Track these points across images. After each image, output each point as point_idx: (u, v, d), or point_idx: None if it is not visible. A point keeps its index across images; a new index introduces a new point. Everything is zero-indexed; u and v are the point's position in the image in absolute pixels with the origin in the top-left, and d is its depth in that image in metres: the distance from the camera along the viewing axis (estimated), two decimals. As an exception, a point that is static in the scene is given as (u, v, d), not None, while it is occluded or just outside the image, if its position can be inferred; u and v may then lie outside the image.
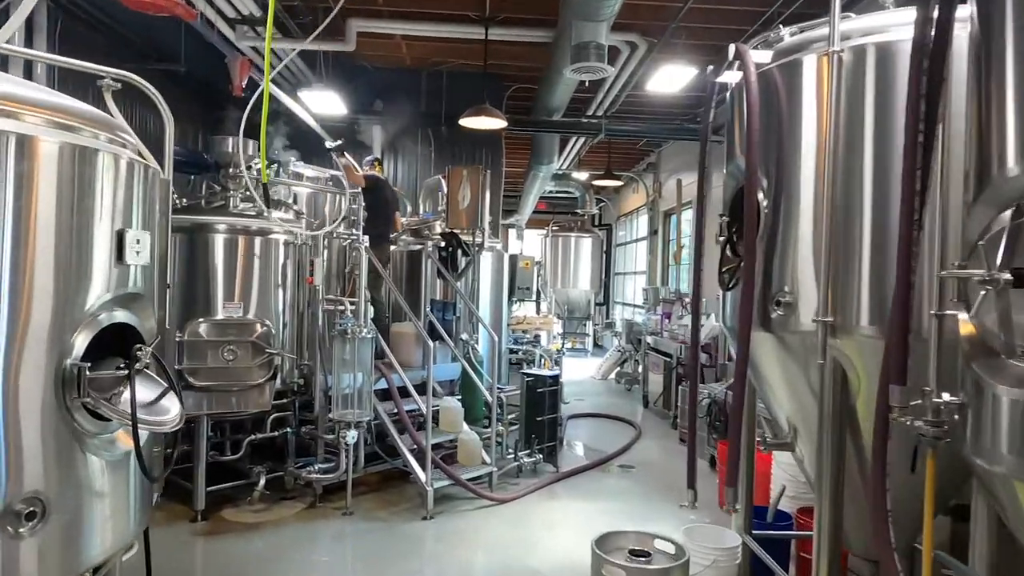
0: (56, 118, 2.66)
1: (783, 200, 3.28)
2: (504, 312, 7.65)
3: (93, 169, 2.65)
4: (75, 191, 2.58)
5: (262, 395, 5.02)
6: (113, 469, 2.72)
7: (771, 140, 3.32)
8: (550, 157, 9.60)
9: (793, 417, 3.51)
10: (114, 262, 2.64)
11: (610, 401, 10.70)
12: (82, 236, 2.56)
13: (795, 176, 3.24)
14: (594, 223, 18.38)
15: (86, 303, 2.53)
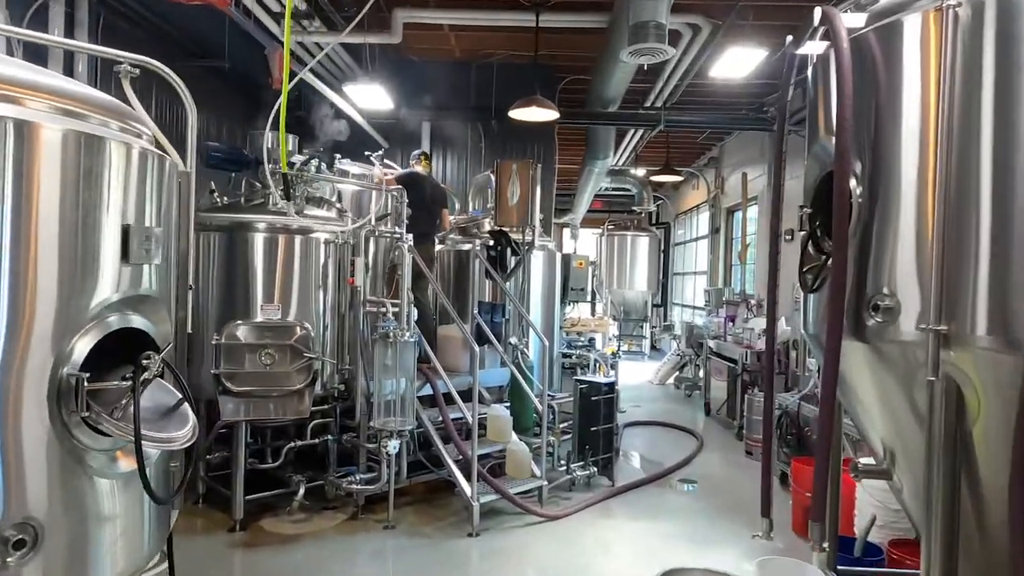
0: (61, 104, 2.44)
1: (880, 186, 2.79)
2: (556, 314, 7.27)
3: (101, 159, 2.42)
4: (80, 182, 2.34)
5: (301, 401, 4.80)
6: (124, 488, 2.48)
7: (865, 117, 2.84)
8: (605, 152, 9.14)
9: (890, 441, 3.01)
10: (122, 261, 2.40)
11: (669, 408, 10.17)
12: (87, 231, 2.33)
13: (895, 158, 2.75)
14: (651, 221, 17.78)
15: (88, 306, 2.29)
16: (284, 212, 5.05)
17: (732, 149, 11.71)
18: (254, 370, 4.70)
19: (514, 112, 6.60)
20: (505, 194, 5.89)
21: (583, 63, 7.96)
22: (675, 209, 16.79)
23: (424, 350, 5.42)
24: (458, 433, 5.43)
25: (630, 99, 8.87)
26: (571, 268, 8.05)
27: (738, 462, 7.16)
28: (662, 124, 8.01)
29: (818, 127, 3.25)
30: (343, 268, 5.26)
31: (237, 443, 4.83)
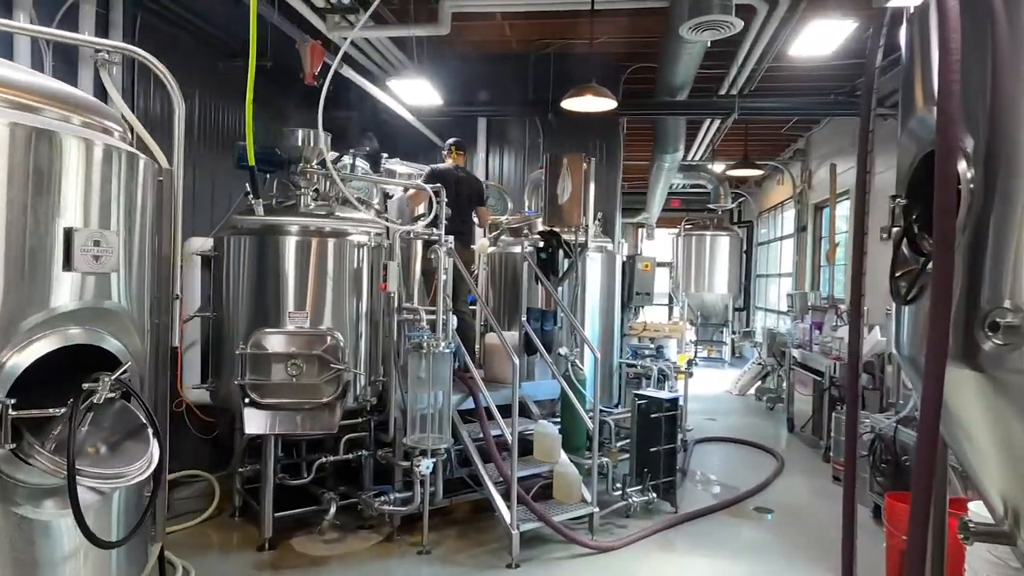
0: (12, 96, 2.19)
1: (1000, 168, 2.13)
2: (616, 322, 6.71)
3: (52, 156, 2.15)
4: (27, 180, 2.08)
5: (331, 415, 4.50)
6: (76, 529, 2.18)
7: (978, 80, 2.19)
8: (675, 145, 8.47)
9: (1014, 498, 2.33)
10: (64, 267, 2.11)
11: (747, 423, 9.35)
12: (32, 234, 2.06)
13: (1020, 131, 2.09)
14: (733, 220, 16.76)
15: (24, 319, 2.02)
16: (317, 214, 4.79)
17: (820, 140, 10.72)
18: (280, 381, 4.44)
19: (568, 103, 6.10)
20: (555, 191, 5.41)
21: (647, 50, 7.36)
22: (758, 207, 15.72)
23: (463, 360, 5.03)
24: (501, 451, 5.02)
25: (702, 88, 8.18)
26: (636, 271, 7.45)
27: (823, 489, 6.37)
28: (736, 112, 7.27)
29: (914, 97, 2.60)
30: (378, 273, 4.94)
31: (266, 457, 4.59)
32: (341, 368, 4.48)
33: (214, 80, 6.02)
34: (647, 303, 7.67)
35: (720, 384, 12.31)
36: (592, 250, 6.28)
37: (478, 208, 6.15)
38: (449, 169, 5.95)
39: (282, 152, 4.79)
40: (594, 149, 8.00)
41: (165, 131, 5.59)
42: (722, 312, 15.25)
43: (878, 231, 3.25)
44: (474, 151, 8.08)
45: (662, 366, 6.84)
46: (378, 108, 7.32)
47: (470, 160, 8.16)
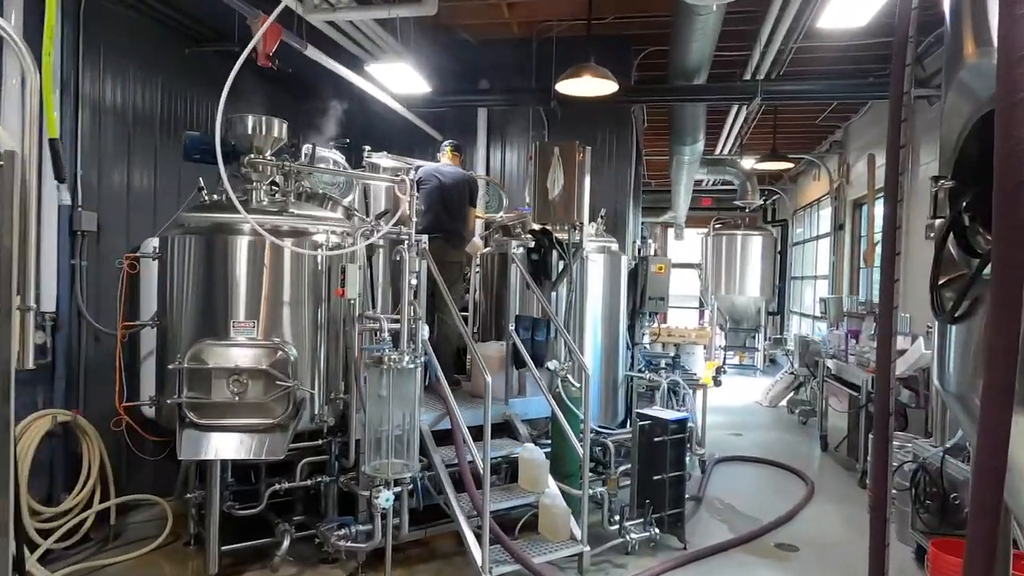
0: None
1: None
2: (621, 330, 6.04)
3: None
4: None
5: (280, 438, 3.97)
6: None
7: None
8: (694, 136, 7.74)
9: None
10: None
11: (777, 439, 8.57)
12: None
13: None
14: (766, 219, 15.85)
15: None
16: (270, 211, 4.27)
17: (859, 130, 9.85)
18: (222, 400, 3.93)
19: (563, 85, 5.47)
20: (544, 184, 4.80)
21: (660, 30, 6.68)
22: (793, 204, 14.79)
23: (435, 374, 4.46)
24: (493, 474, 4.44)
25: (724, 75, 7.46)
26: (649, 274, 6.78)
27: (858, 520, 5.60)
28: (759, 96, 6.52)
29: (962, 44, 1.94)
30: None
31: (212, 483, 4.09)
32: (289, 385, 3.94)
33: (180, 66, 5.56)
34: (662, 308, 6.98)
35: (750, 394, 11.51)
36: (593, 251, 5.64)
37: (469, 207, 5.59)
38: (434, 166, 5.46)
39: (233, 141, 4.28)
40: (603, 140, 7.35)
41: (119, 117, 5.25)
42: (754, 316, 14.37)
43: (923, 226, 2.58)
44: (474, 145, 7.51)
45: (674, 379, 6.15)
46: (366, 99, 6.80)
47: (470, 155, 7.59)
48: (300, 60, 5.61)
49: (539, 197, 4.87)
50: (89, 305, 4.69)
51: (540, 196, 4.85)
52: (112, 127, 4.96)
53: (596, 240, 5.76)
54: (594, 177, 7.36)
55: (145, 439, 4.74)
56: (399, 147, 6.74)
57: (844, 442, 7.11)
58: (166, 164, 5.45)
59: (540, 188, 4.84)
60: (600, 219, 5.96)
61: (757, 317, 14.36)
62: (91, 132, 4.74)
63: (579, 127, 7.18)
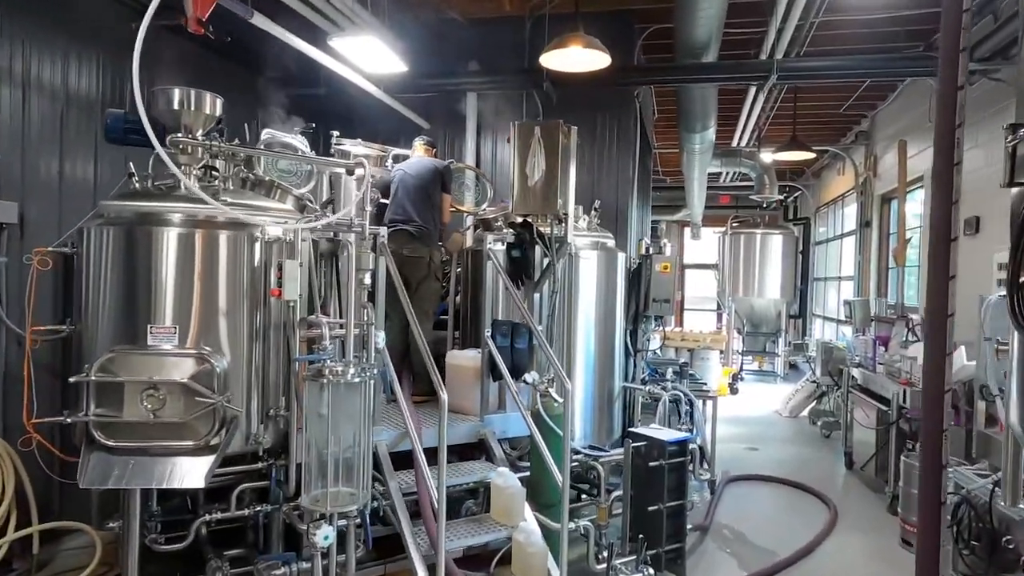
0: None
1: None
2: (618, 336, 5.38)
3: None
4: None
5: (203, 462, 3.39)
6: None
7: None
8: (704, 121, 7.04)
9: None
10: None
11: (797, 454, 7.85)
12: None
13: None
14: (787, 217, 15.04)
15: None
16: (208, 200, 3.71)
17: (887, 118, 9.08)
18: (135, 419, 3.36)
19: (550, 58, 4.84)
20: (523, 169, 4.18)
21: (664, 4, 6.02)
22: (816, 201, 13.99)
23: (389, 386, 3.87)
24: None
25: (738, 54, 6.78)
26: (652, 273, 6.13)
27: (888, 554, 4.91)
28: (775, 75, 5.80)
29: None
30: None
31: (129, 513, 3.52)
32: (212, 401, 3.36)
33: (125, 42, 5.02)
34: (667, 312, 6.32)
35: (769, 403, 10.77)
36: (585, 247, 5.00)
37: (442, 196, 5.00)
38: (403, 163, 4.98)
39: (160, 120, 3.72)
40: (603, 127, 6.72)
41: (49, 96, 4.68)
42: (774, 320, 13.60)
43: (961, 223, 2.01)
44: (462, 135, 6.90)
45: (677, 391, 5.49)
46: (345, 84, 6.25)
47: (458, 146, 7.01)
48: (274, 41, 5.05)
49: (518, 184, 4.24)
50: (11, 307, 4.17)
51: (520, 183, 4.23)
52: (39, 107, 4.44)
53: (588, 235, 5.12)
54: (592, 167, 6.75)
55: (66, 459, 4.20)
56: (383, 138, 6.18)
57: (872, 461, 6.39)
58: (111, 151, 4.92)
59: (519, 173, 4.22)
60: (594, 211, 5.33)
61: (777, 321, 13.59)
62: (12, 113, 4.23)
63: (576, 113, 6.55)
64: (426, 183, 4.91)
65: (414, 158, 5.22)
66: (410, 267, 4.75)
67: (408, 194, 4.91)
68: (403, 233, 4.78)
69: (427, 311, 4.82)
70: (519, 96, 6.72)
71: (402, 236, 4.77)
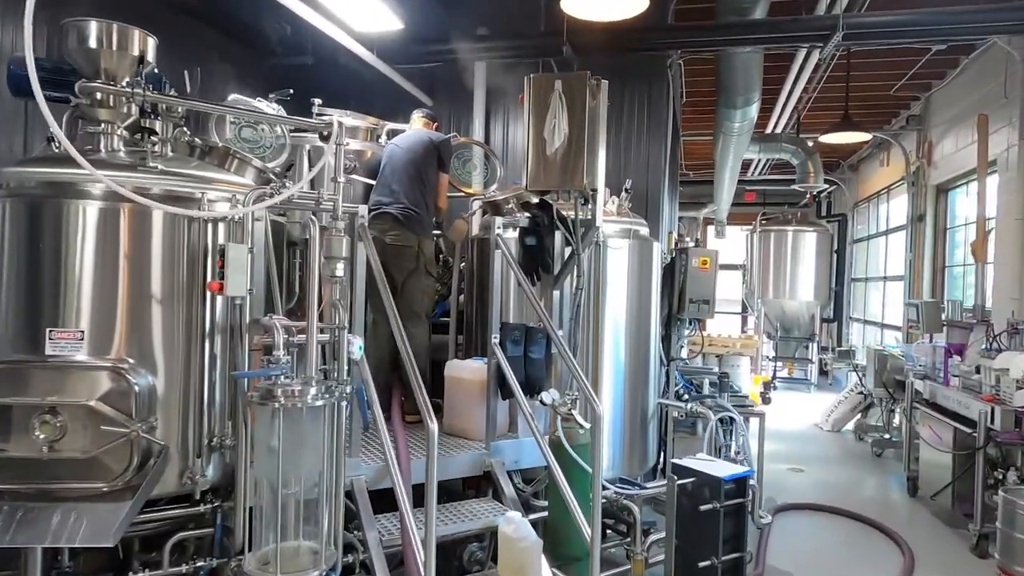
0: None
1: None
2: (653, 342, 4.49)
3: None
4: None
5: (114, 511, 2.56)
6: None
7: None
8: (747, 95, 6.10)
9: None
10: None
11: (848, 476, 6.92)
12: None
13: None
14: (820, 213, 14.05)
15: None
16: (124, 164, 2.90)
17: (946, 99, 8.12)
18: (24, 453, 2.54)
19: (572, 2, 3.96)
20: (540, 133, 3.31)
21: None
22: (853, 196, 13.00)
23: (364, 409, 3.02)
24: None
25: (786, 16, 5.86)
26: (688, 269, 5.24)
27: (989, 615, 3.99)
28: (840, 33, 4.82)
29: None
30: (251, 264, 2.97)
31: (28, 570, 2.70)
32: (124, 431, 2.53)
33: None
34: (706, 314, 5.43)
35: (806, 414, 9.83)
36: (614, 234, 4.12)
37: (438, 175, 4.17)
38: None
39: (73, 62, 2.91)
40: (632, 102, 5.84)
41: None
42: (807, 323, 12.68)
43: None
44: (470, 113, 6.06)
45: (725, 410, 4.59)
46: (336, 52, 5.44)
47: (465, 125, 6.17)
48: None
49: (533, 154, 3.38)
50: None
51: (535, 152, 3.36)
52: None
53: (619, 221, 4.24)
54: (619, 147, 5.87)
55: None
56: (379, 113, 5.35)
57: (946, 490, 5.45)
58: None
59: (535, 139, 3.36)
60: (625, 192, 4.46)
61: (810, 324, 12.64)
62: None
63: None
64: (418, 159, 4.08)
65: (409, 132, 4.39)
66: (394, 258, 3.93)
67: (396, 171, 4.08)
68: (386, 217, 3.95)
69: (417, 312, 3.97)
70: (535, 67, 5.86)
71: (385, 220, 3.95)
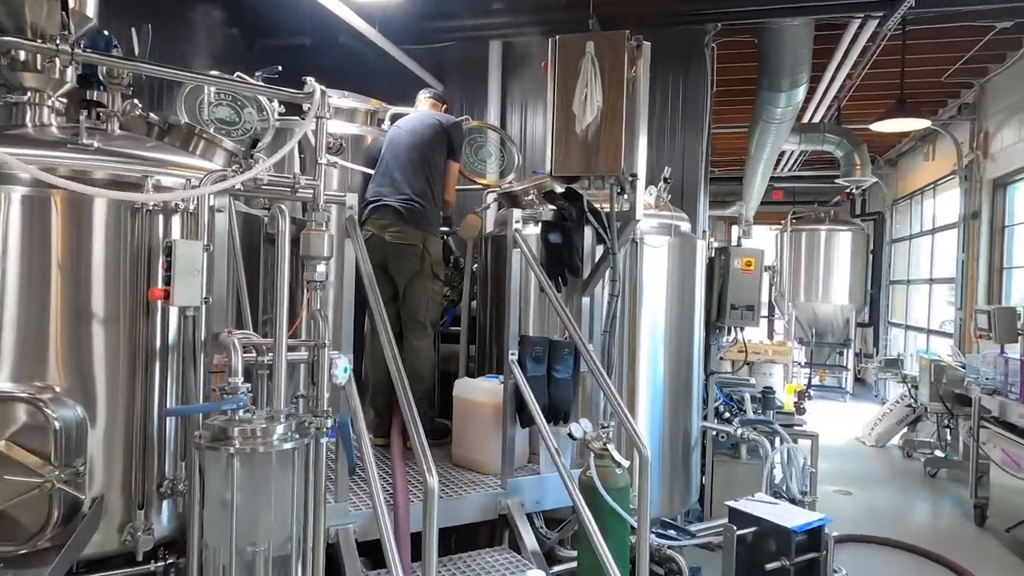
0: None
1: None
2: (696, 358, 3.85)
3: None
4: None
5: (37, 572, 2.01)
6: None
7: None
8: (794, 78, 5.39)
9: None
10: None
11: (900, 500, 6.24)
12: None
13: None
14: (855, 211, 13.30)
15: None
16: (56, 140, 2.35)
17: (1007, 84, 7.41)
18: (-89, 507, 1.99)
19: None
20: (570, 107, 2.70)
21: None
22: (892, 193, 12.25)
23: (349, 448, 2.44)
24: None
25: None
26: (731, 270, 4.62)
27: None
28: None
29: None
30: (215, 266, 2.42)
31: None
32: (38, 481, 1.98)
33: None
34: (750, 322, 4.80)
35: (844, 426, 9.16)
36: (653, 230, 3.51)
37: (447, 163, 3.60)
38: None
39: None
40: (666, 85, 5.22)
41: None
42: (841, 328, 11.99)
43: None
44: (484, 98, 5.48)
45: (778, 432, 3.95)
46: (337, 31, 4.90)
47: (479, 110, 5.59)
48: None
49: (559, 132, 2.77)
50: None
51: (561, 131, 2.76)
52: None
53: (657, 215, 3.63)
54: (654, 134, 5.26)
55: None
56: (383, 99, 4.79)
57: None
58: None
59: (561, 114, 2.75)
60: (664, 182, 3.85)
61: (844, 329, 11.94)
62: None
63: None
64: (424, 143, 3.51)
65: (414, 114, 3.82)
66: (394, 258, 3.37)
67: (398, 158, 3.51)
68: (386, 210, 3.39)
69: (421, 321, 3.39)
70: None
71: (385, 215, 3.39)
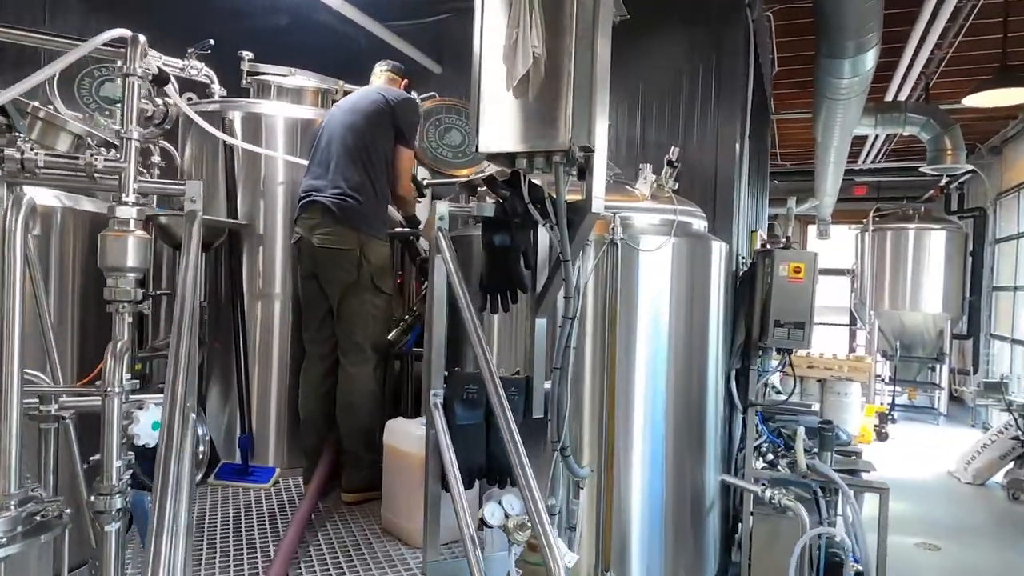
0: None
1: None
2: (712, 388, 2.95)
3: None
4: None
5: None
6: None
7: None
8: (859, 41, 4.24)
9: None
10: None
11: (1004, 559, 5.06)
12: None
13: None
14: (949, 208, 11.76)
15: None
16: None
17: None
18: None
19: None
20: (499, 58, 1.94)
21: None
22: (996, 186, 10.71)
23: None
24: None
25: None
26: (773, 279, 3.73)
27: None
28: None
29: None
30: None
31: None
32: None
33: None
34: (799, 342, 3.87)
35: (935, 455, 7.91)
36: (649, 229, 2.70)
37: (398, 148, 2.93)
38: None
39: None
40: (694, 64, 4.35)
41: None
42: (933, 341, 10.63)
43: None
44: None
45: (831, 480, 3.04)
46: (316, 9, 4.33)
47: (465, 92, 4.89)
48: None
49: (486, 92, 2.00)
50: None
51: (489, 89, 2.00)
52: None
53: (656, 209, 2.81)
54: (679, 115, 4.42)
55: None
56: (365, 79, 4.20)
57: None
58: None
59: (489, 67, 2.00)
60: (668, 166, 3.03)
61: (937, 342, 10.55)
62: None
63: (657, 32, 4.36)
64: (365, 125, 2.86)
65: (359, 90, 3.18)
66: (326, 267, 2.75)
67: (332, 143, 2.87)
68: (315, 208, 2.77)
69: (359, 343, 2.72)
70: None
71: (313, 213, 2.78)
